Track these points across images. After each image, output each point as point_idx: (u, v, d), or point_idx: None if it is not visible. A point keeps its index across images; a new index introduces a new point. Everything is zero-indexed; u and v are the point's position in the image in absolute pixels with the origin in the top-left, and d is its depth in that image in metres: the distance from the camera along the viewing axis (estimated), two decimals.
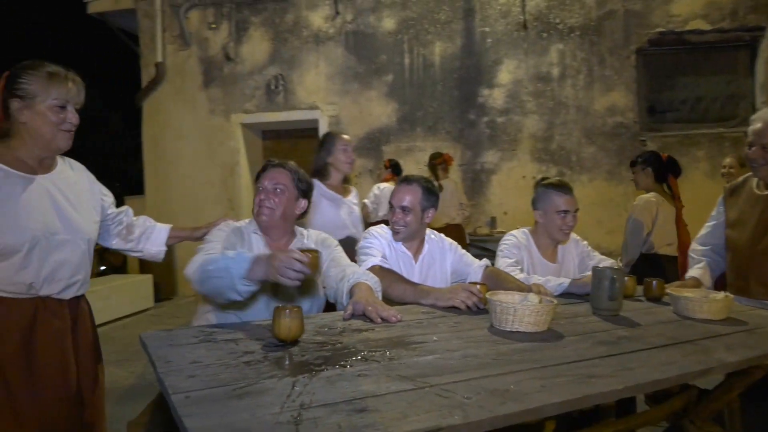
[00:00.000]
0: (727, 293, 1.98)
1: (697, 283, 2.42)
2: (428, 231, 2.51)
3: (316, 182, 2.95)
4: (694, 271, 2.52)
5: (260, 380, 1.19)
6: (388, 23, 6.83)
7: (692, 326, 1.81)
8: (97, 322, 2.02)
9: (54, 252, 1.71)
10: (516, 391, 1.16)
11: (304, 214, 2.21)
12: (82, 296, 1.88)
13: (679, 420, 2.07)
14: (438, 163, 5.52)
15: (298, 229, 2.23)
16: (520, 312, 1.64)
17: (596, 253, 2.74)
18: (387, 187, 5.67)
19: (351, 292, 1.90)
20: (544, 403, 1.11)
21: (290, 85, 7.17)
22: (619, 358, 1.42)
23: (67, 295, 1.78)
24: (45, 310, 1.71)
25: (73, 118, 1.70)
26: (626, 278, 2.31)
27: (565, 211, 2.52)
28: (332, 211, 3.17)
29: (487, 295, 1.78)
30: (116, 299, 5.98)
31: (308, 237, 2.20)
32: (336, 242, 2.25)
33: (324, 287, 2.11)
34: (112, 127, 16.39)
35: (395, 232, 2.38)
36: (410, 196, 2.34)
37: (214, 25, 7.40)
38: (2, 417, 1.63)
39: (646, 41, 6.19)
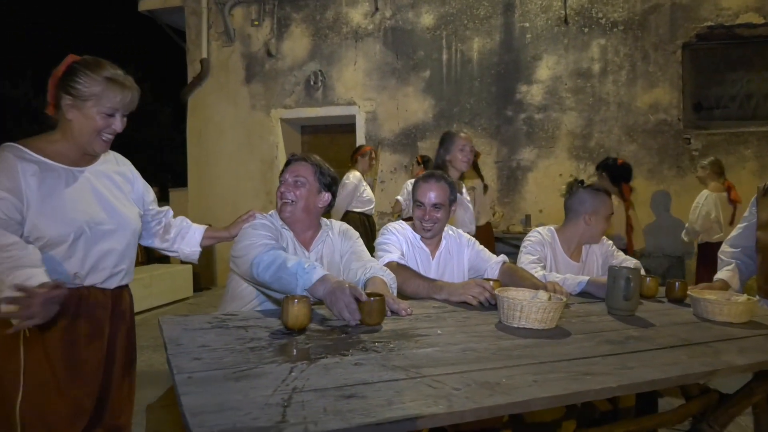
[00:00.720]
0: (749, 296, 1.93)
1: (724, 285, 2.36)
2: (446, 226, 2.53)
3: None
4: (722, 273, 2.45)
5: (260, 365, 1.25)
6: (427, 19, 6.82)
7: (709, 329, 1.77)
8: (139, 309, 2.10)
9: (99, 242, 1.73)
10: (507, 384, 1.17)
11: (330, 207, 2.24)
12: (126, 286, 1.91)
13: (698, 423, 2.03)
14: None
15: (323, 220, 2.26)
16: (527, 308, 1.64)
17: (620, 253, 2.70)
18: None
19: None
20: (531, 397, 1.12)
21: (329, 80, 7.26)
22: (621, 357, 1.41)
23: (111, 284, 1.80)
24: (88, 299, 1.74)
25: (118, 126, 1.70)
26: (648, 279, 2.28)
27: (611, 215, 2.56)
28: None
29: (496, 291, 1.79)
30: (157, 288, 6.22)
31: (332, 228, 2.24)
32: (357, 234, 2.29)
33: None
34: (162, 120, 16.94)
35: (426, 230, 2.38)
36: (439, 192, 2.35)
37: (256, 22, 7.56)
38: (52, 404, 1.67)
39: (693, 36, 5.97)
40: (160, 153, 16.40)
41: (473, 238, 2.55)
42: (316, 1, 7.27)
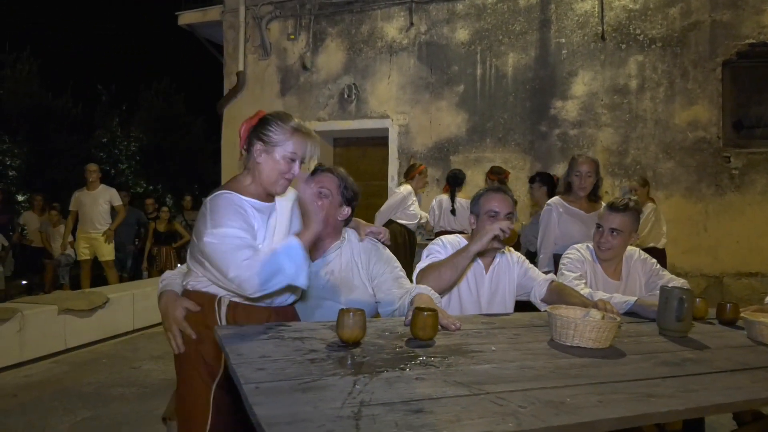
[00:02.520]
0: None
1: None
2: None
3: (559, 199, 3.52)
4: None
5: (323, 377, 1.27)
6: (462, 34, 6.86)
7: (766, 353, 1.74)
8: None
9: None
10: (571, 404, 1.17)
11: (348, 221, 2.25)
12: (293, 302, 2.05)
13: None
14: (493, 179, 5.46)
15: (346, 231, 2.25)
16: (581, 327, 1.64)
17: (666, 273, 2.65)
18: (443, 198, 5.71)
19: (412, 302, 1.95)
20: (599, 418, 1.12)
21: (363, 94, 7.34)
22: (682, 380, 1.39)
23: (289, 301, 1.97)
24: (277, 315, 1.91)
25: (297, 170, 1.85)
26: (699, 300, 2.24)
27: (599, 225, 2.59)
28: (574, 227, 3.46)
29: (548, 309, 1.78)
30: None
31: (351, 242, 2.22)
32: (392, 258, 2.24)
33: (374, 294, 2.15)
34: (195, 131, 17.29)
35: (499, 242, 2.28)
36: (509, 203, 2.39)
37: (293, 36, 7.69)
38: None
39: (734, 53, 5.88)
40: (191, 163, 16.71)
41: (522, 256, 2.55)
42: (351, 15, 7.37)
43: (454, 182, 5.71)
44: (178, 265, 8.48)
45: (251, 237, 1.74)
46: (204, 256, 1.74)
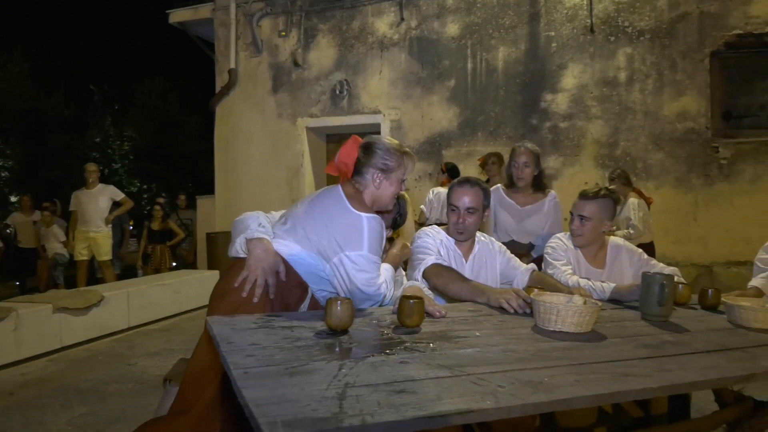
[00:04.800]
0: None
1: (758, 293, 2.36)
2: (478, 233, 2.58)
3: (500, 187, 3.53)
4: (756, 281, 2.45)
5: (310, 362, 1.31)
6: (452, 29, 6.89)
7: (744, 335, 1.79)
8: (168, 313, 2.23)
9: None
10: (549, 383, 1.21)
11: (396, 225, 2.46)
12: None
13: (732, 430, 2.04)
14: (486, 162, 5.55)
15: None
16: (563, 312, 1.68)
17: (655, 262, 2.68)
18: (441, 191, 5.75)
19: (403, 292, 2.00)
20: (574, 395, 1.16)
21: (354, 90, 7.36)
22: (659, 361, 1.44)
23: None
24: None
25: (403, 188, 2.10)
26: (681, 285, 2.29)
27: (571, 213, 2.62)
28: (504, 219, 3.50)
29: (532, 296, 1.82)
30: (186, 293, 6.35)
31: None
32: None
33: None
34: (188, 129, 17.26)
35: (458, 233, 2.45)
36: (473, 197, 2.42)
37: (284, 33, 7.71)
38: None
39: (722, 44, 5.94)
40: (185, 161, 16.69)
41: (504, 246, 2.60)
42: (342, 11, 7.39)
43: (455, 174, 5.76)
44: (173, 263, 8.51)
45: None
46: (340, 262, 1.89)
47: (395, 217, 2.44)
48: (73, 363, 4.58)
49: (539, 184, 3.48)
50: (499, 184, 3.60)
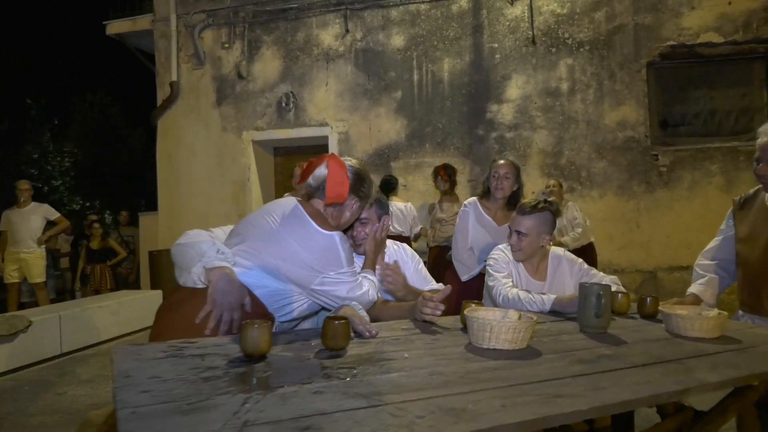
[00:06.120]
0: (721, 311, 1.91)
1: (696, 300, 2.35)
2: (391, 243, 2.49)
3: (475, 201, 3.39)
4: (694, 287, 2.43)
5: (213, 396, 1.17)
6: (397, 40, 6.87)
7: (681, 345, 1.75)
8: (107, 336, 2.03)
9: None
10: (473, 410, 1.12)
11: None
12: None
13: None
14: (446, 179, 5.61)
15: None
16: (496, 329, 1.59)
17: (595, 272, 2.65)
18: (396, 203, 5.72)
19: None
20: (498, 423, 1.06)
21: (301, 102, 7.24)
22: (594, 378, 1.37)
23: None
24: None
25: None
26: (620, 294, 2.26)
27: (510, 230, 2.58)
28: (481, 237, 3.36)
29: (466, 312, 1.73)
30: (126, 315, 6.03)
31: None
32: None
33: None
34: (133, 144, 16.69)
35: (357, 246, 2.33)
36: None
37: (227, 45, 7.52)
38: None
39: (657, 55, 6.12)
40: (132, 177, 16.12)
41: (416, 254, 2.53)
42: (286, 23, 7.27)
43: (386, 188, 5.78)
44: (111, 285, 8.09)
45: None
46: (321, 284, 1.82)
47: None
48: None
49: (516, 202, 3.27)
50: (475, 198, 3.43)
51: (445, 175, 5.62)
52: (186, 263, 1.80)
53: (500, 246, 2.68)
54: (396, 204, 5.63)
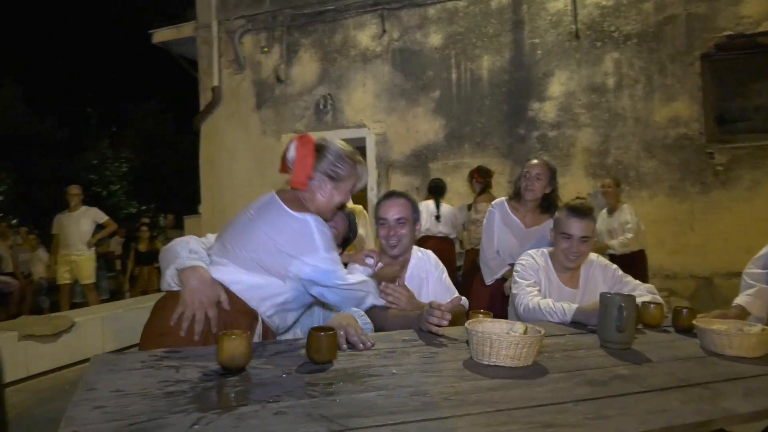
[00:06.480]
0: (766, 327, 1.68)
1: (741, 313, 2.11)
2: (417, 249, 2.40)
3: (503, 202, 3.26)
4: (741, 298, 2.19)
5: (167, 414, 1.08)
6: (435, 39, 6.72)
7: (714, 365, 1.54)
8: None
9: None
10: None
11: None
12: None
13: None
14: (480, 181, 5.49)
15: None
16: (496, 344, 1.44)
17: (630, 278, 2.42)
18: (430, 203, 5.60)
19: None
20: None
21: (338, 104, 7.19)
22: (599, 403, 1.20)
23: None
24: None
25: (346, 200, 1.91)
26: (652, 305, 2.05)
27: (569, 235, 2.32)
28: (507, 239, 3.23)
29: (467, 324, 1.59)
30: None
31: None
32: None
33: None
34: (184, 149, 17.20)
35: (391, 247, 2.28)
36: (402, 208, 2.31)
37: (266, 49, 7.56)
38: None
39: (712, 46, 5.70)
40: (181, 181, 16.62)
41: (441, 263, 2.40)
42: (324, 25, 7.24)
43: (436, 191, 5.75)
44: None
45: None
46: (299, 272, 1.72)
47: (347, 236, 2.25)
48: (36, 392, 4.37)
49: (549, 205, 3.11)
50: (503, 198, 3.29)
51: (480, 177, 5.45)
52: (163, 266, 1.77)
53: (531, 251, 2.50)
54: (444, 206, 5.65)
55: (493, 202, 3.32)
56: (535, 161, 3.10)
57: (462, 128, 6.60)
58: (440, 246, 5.35)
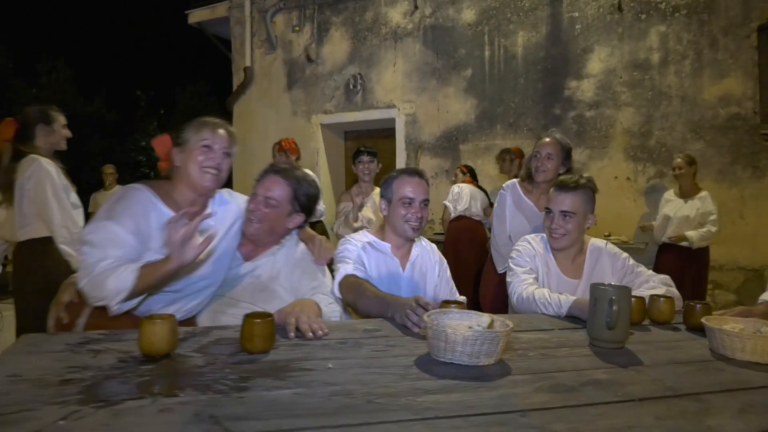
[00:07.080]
0: None
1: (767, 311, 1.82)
2: (422, 238, 2.20)
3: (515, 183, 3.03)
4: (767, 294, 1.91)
5: (39, 407, 0.95)
6: (468, 15, 6.41)
7: (718, 372, 1.30)
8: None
9: None
10: None
11: (302, 226, 2.08)
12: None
13: None
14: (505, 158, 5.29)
15: (290, 236, 2.08)
16: (451, 339, 1.26)
17: (643, 269, 2.16)
18: (464, 186, 5.34)
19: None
20: None
21: (368, 84, 7.00)
22: (553, 414, 1.00)
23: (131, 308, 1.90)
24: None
25: (218, 158, 1.80)
26: (662, 299, 1.80)
27: (549, 210, 2.14)
28: (519, 222, 3.01)
29: (424, 316, 1.40)
30: None
31: (285, 247, 2.03)
32: (314, 267, 2.01)
33: None
34: None
35: (414, 230, 2.07)
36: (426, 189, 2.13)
37: (297, 28, 7.44)
38: None
39: None
40: None
41: (443, 258, 2.20)
42: (355, 2, 7.05)
43: (474, 174, 5.62)
44: None
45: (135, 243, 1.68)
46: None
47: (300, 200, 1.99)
48: None
49: None
50: (515, 179, 3.05)
51: (508, 157, 5.20)
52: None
53: (528, 236, 2.27)
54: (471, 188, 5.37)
55: (504, 185, 3.07)
56: (546, 139, 2.82)
57: (494, 108, 6.30)
58: (474, 226, 5.19)
